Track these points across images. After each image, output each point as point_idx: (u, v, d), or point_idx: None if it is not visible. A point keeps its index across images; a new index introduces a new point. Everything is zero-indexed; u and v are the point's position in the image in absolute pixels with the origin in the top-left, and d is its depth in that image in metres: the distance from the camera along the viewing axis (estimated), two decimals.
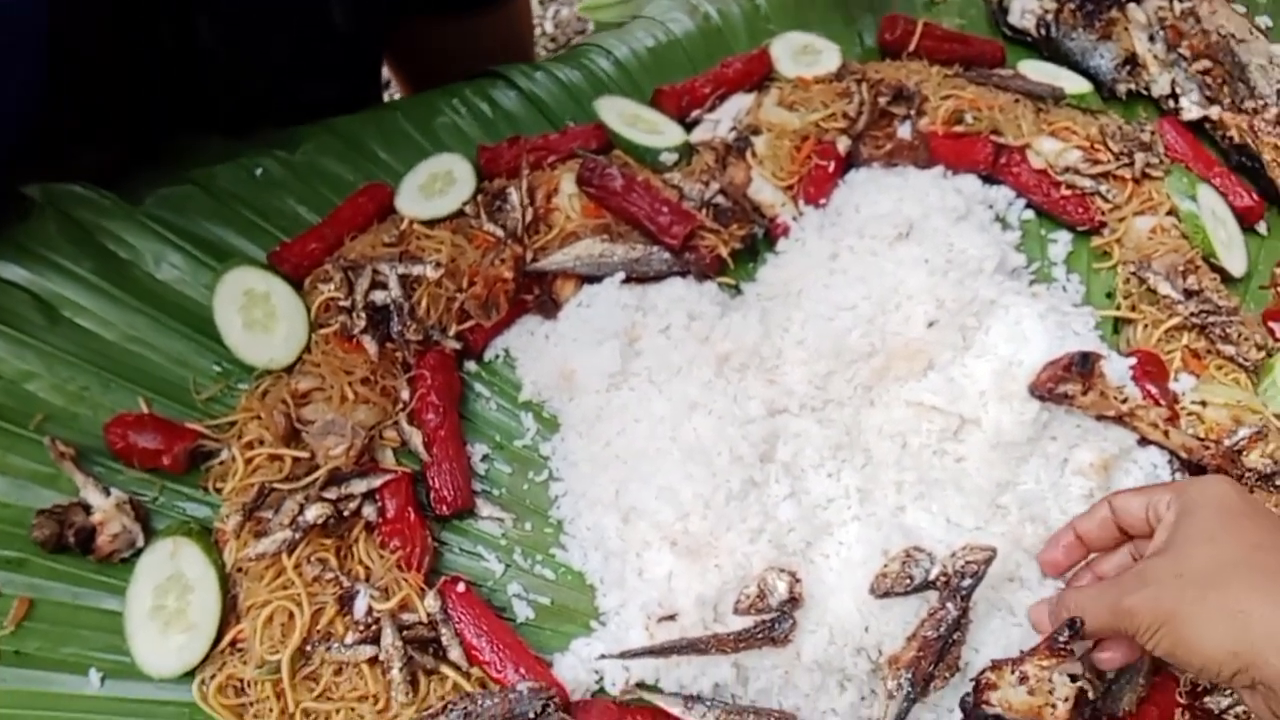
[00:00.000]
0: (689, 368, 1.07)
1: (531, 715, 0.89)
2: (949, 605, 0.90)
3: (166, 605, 0.97)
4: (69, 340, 1.09)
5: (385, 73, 1.74)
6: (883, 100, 1.25)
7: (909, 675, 0.90)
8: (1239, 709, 0.94)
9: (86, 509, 1.00)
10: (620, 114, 1.25)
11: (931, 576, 0.91)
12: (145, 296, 1.13)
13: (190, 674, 0.95)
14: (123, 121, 1.29)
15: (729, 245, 1.17)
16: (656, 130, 1.25)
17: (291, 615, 0.95)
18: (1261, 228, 1.28)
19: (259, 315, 1.11)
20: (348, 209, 1.18)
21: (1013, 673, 0.87)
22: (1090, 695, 0.88)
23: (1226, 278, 1.21)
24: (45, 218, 1.15)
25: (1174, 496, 0.87)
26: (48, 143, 1.18)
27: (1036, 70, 1.34)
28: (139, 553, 1.00)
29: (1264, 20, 1.43)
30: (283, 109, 1.28)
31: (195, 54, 1.34)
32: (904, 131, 1.24)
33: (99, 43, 1.24)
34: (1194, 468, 1.06)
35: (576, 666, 0.96)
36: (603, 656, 0.95)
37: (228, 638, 0.96)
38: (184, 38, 1.38)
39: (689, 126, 1.28)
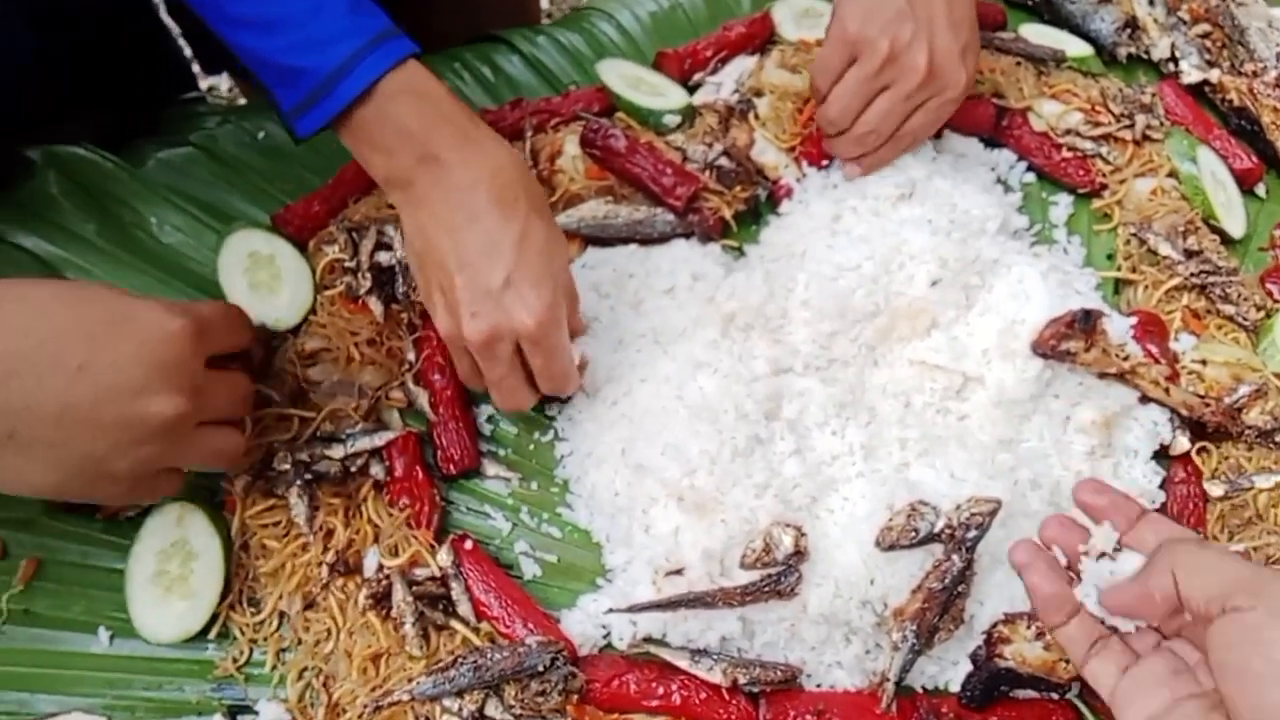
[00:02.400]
0: (694, 328, 1.08)
1: (540, 668, 0.90)
2: (954, 557, 0.91)
3: (169, 571, 0.97)
4: None
5: None
6: None
7: (914, 627, 0.91)
8: None
9: None
10: (623, 76, 1.25)
11: (936, 529, 0.92)
12: (149, 259, 1.13)
13: (200, 635, 0.96)
14: (122, 85, 1.28)
15: (732, 207, 1.17)
16: (659, 93, 1.25)
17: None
18: (1260, 190, 1.28)
19: (264, 277, 1.11)
20: (351, 171, 1.18)
21: (1029, 627, 0.89)
22: None
23: (1226, 239, 1.22)
24: (47, 180, 1.15)
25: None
26: (47, 106, 1.18)
27: (1037, 34, 1.34)
28: (147, 512, 1.00)
29: None
30: None
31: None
32: None
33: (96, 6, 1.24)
34: (1195, 425, 1.07)
35: (584, 622, 0.97)
36: (610, 610, 0.96)
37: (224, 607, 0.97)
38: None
39: (691, 89, 1.28)
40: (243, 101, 1.97)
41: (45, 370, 0.74)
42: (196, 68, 1.58)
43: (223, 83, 2.63)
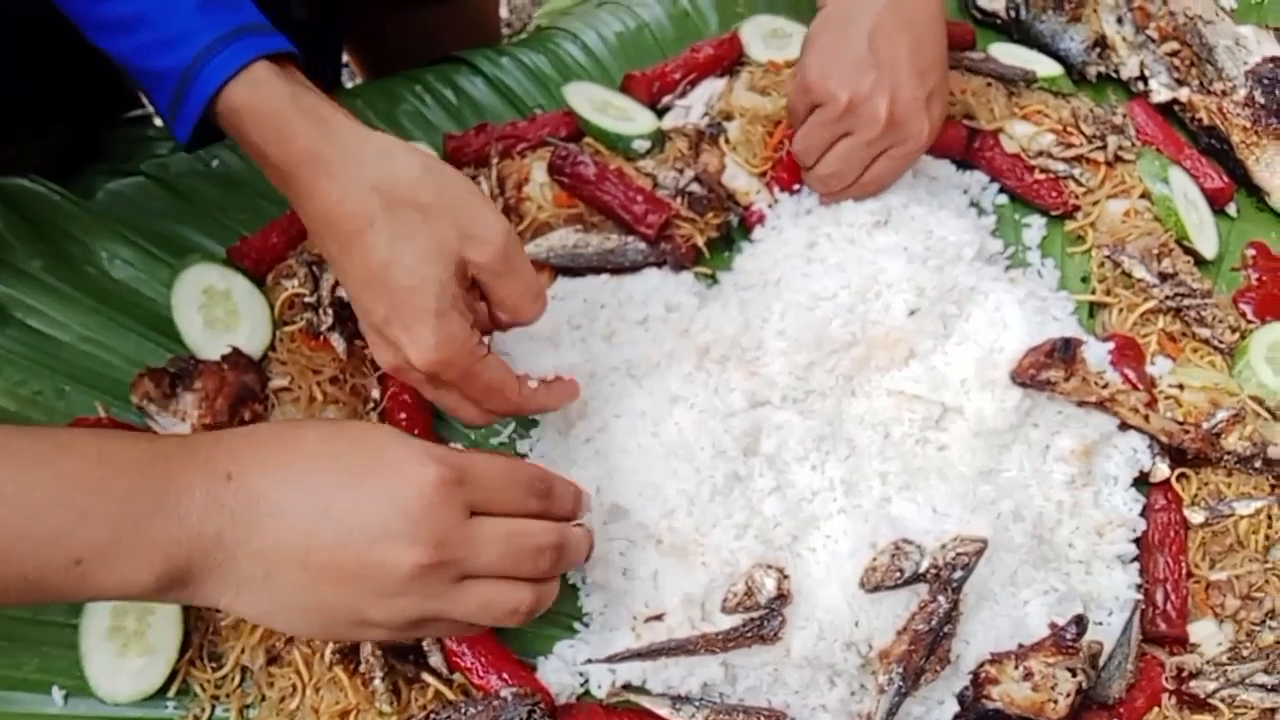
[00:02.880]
0: (668, 361, 1.05)
1: None
2: (940, 598, 0.89)
3: (125, 626, 0.93)
4: (20, 343, 1.05)
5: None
6: None
7: (900, 669, 0.89)
8: (1225, 693, 0.95)
9: None
10: (590, 100, 1.22)
11: (922, 569, 0.90)
12: (100, 295, 1.09)
13: (160, 692, 0.92)
14: (68, 109, 1.24)
15: (705, 234, 1.15)
16: (627, 117, 1.22)
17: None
18: (1231, 209, 1.28)
19: (220, 314, 1.07)
20: None
21: (1016, 667, 0.87)
22: (1085, 685, 0.88)
23: (1199, 260, 1.21)
24: None
25: None
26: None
27: (1007, 53, 1.33)
28: None
29: (1229, 1, 1.43)
30: None
31: None
32: None
33: (44, 27, 1.19)
34: (1175, 451, 1.06)
35: (561, 669, 0.94)
36: (589, 661, 0.93)
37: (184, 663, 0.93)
38: None
39: (660, 113, 1.25)
40: None
41: (295, 511, 0.72)
42: None
43: None
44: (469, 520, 0.75)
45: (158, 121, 1.26)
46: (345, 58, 1.81)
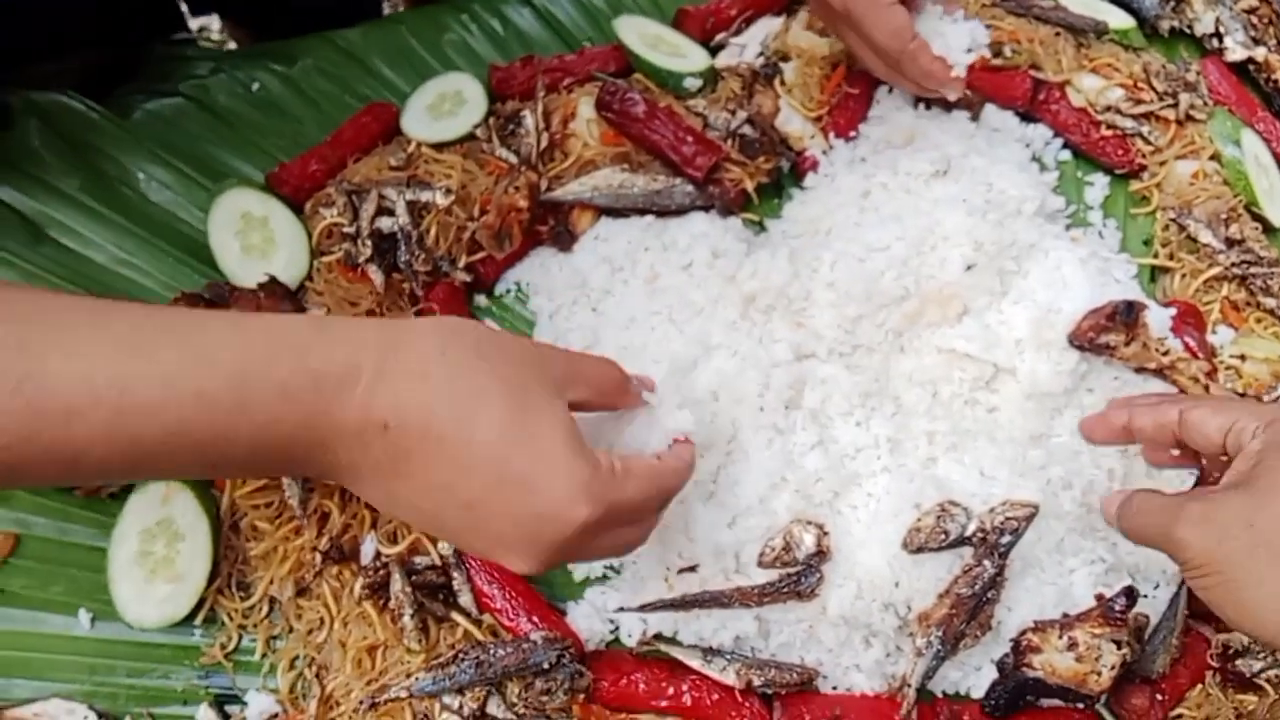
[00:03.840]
0: (712, 307, 1.02)
1: (546, 666, 0.86)
2: (986, 562, 0.87)
3: (154, 552, 0.92)
4: (54, 261, 1.04)
5: None
6: None
7: (940, 634, 0.87)
8: (1272, 673, 0.92)
9: None
10: (641, 35, 1.18)
11: (968, 532, 0.88)
12: (135, 217, 1.07)
13: (187, 619, 0.91)
14: (106, 20, 1.21)
15: (755, 179, 1.11)
16: (679, 53, 1.18)
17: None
18: None
19: (257, 240, 1.05)
20: (351, 129, 1.11)
21: (1060, 637, 0.85)
22: (1128, 659, 0.86)
23: (1268, 228, 1.16)
24: (28, 129, 1.08)
25: (1264, 426, 0.74)
26: (24, 42, 1.10)
27: (1078, 2, 1.27)
28: (129, 489, 0.95)
29: None
30: (277, 15, 1.21)
31: None
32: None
33: None
34: None
35: (591, 616, 0.92)
36: (621, 610, 0.91)
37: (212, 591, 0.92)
38: None
39: (713, 50, 1.20)
40: (233, 46, 1.88)
41: (440, 503, 0.68)
42: (184, 6, 1.50)
43: (213, 23, 2.52)
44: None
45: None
46: None
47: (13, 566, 0.93)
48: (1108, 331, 0.98)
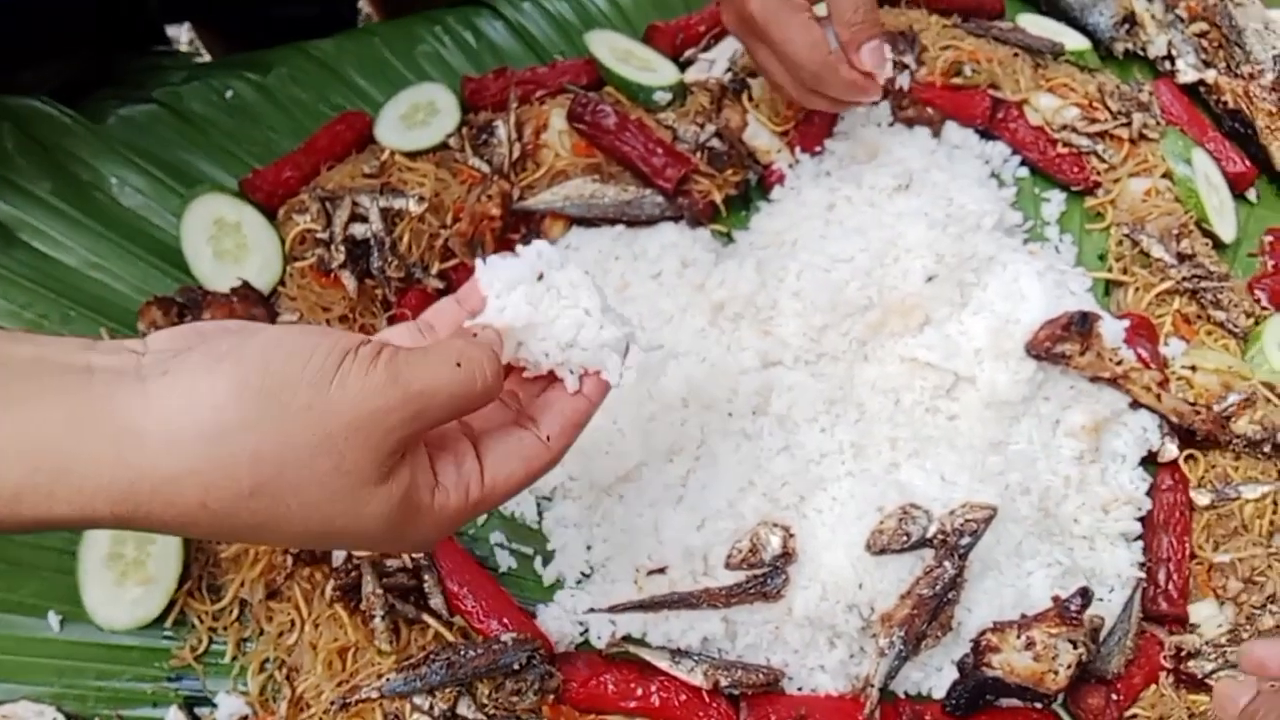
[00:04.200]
0: (681, 316, 1.04)
1: (516, 666, 0.87)
2: (946, 564, 0.89)
3: (124, 554, 0.92)
4: (25, 265, 1.04)
5: None
6: None
7: (902, 634, 0.89)
8: (1222, 674, 0.95)
9: None
10: (612, 49, 1.20)
11: (929, 534, 0.90)
12: (108, 221, 1.08)
13: (157, 622, 0.91)
14: (81, 34, 1.21)
15: (723, 191, 1.13)
16: (649, 68, 1.20)
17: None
18: (1251, 195, 1.27)
19: (230, 245, 1.06)
20: (325, 136, 1.12)
21: (1018, 637, 0.87)
22: (1084, 659, 0.88)
23: (1217, 244, 1.20)
24: (1, 134, 1.08)
25: None
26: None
27: (1035, 24, 1.31)
28: None
29: None
30: (255, 28, 1.22)
31: None
32: (903, 81, 1.21)
33: None
34: (1184, 433, 1.05)
35: (561, 618, 0.94)
36: (591, 611, 0.92)
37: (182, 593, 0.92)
38: None
39: (683, 66, 1.23)
40: (205, 57, 1.88)
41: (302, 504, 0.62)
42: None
43: (181, 35, 2.52)
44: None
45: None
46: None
47: None
48: (1063, 341, 1.01)
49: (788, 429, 0.99)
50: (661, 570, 0.93)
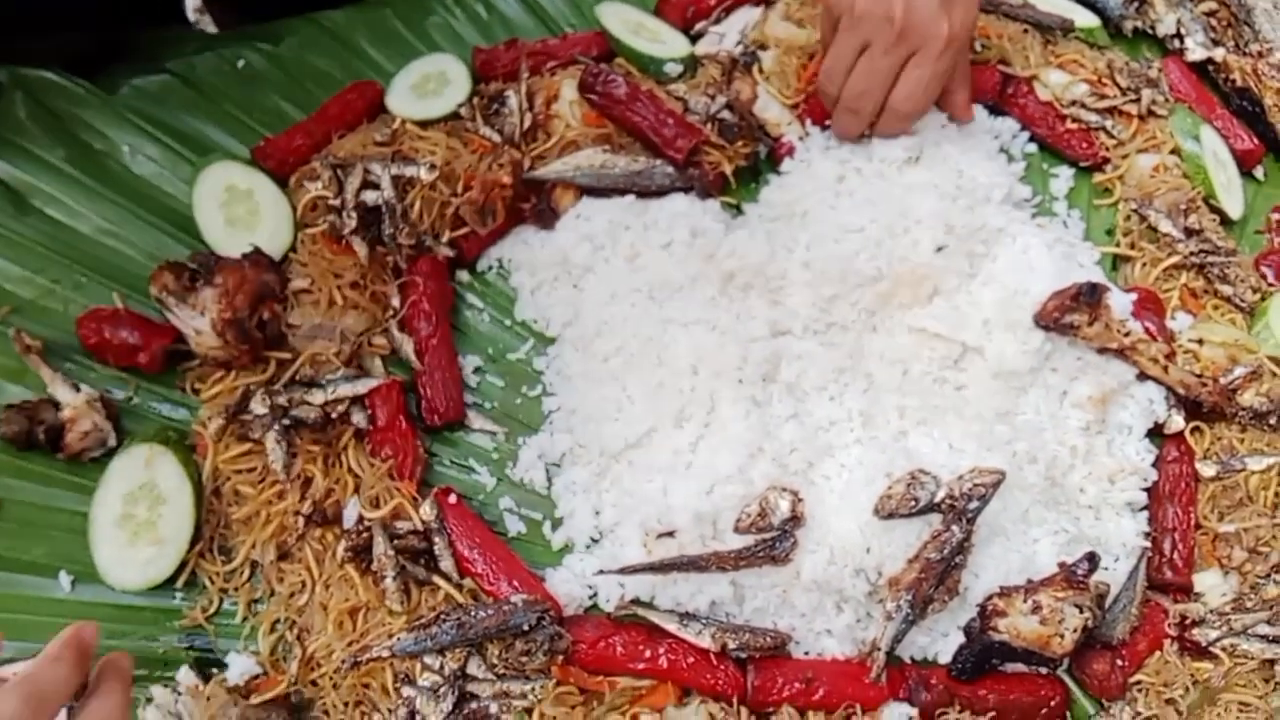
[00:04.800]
0: (691, 285, 1.05)
1: (525, 628, 0.88)
2: (954, 528, 0.90)
3: (136, 515, 0.93)
4: (39, 231, 1.04)
5: None
6: None
7: (909, 597, 0.90)
8: (1226, 641, 0.96)
9: (56, 405, 0.95)
10: (623, 21, 1.20)
11: (937, 499, 0.90)
12: (120, 188, 1.08)
13: (168, 582, 0.92)
14: (93, 7, 1.21)
15: (733, 162, 1.14)
16: (660, 40, 1.20)
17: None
18: (1259, 172, 1.27)
19: (241, 212, 1.06)
20: (336, 105, 1.13)
21: (1025, 601, 0.88)
22: (1090, 624, 0.89)
23: (1224, 220, 1.21)
24: (14, 103, 1.09)
25: None
26: (14, 26, 1.11)
27: (1046, 1, 1.31)
28: (111, 453, 0.96)
29: None
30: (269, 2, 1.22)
31: None
32: None
33: None
34: (1190, 405, 1.06)
35: (570, 581, 0.94)
36: (600, 572, 0.93)
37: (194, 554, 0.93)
38: None
39: (694, 38, 1.23)
40: (214, 30, 1.88)
41: None
42: None
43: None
44: None
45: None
46: None
47: None
48: (1072, 312, 1.02)
49: (797, 397, 1.00)
50: (671, 534, 0.93)
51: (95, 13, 1.20)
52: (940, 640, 0.95)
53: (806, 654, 0.94)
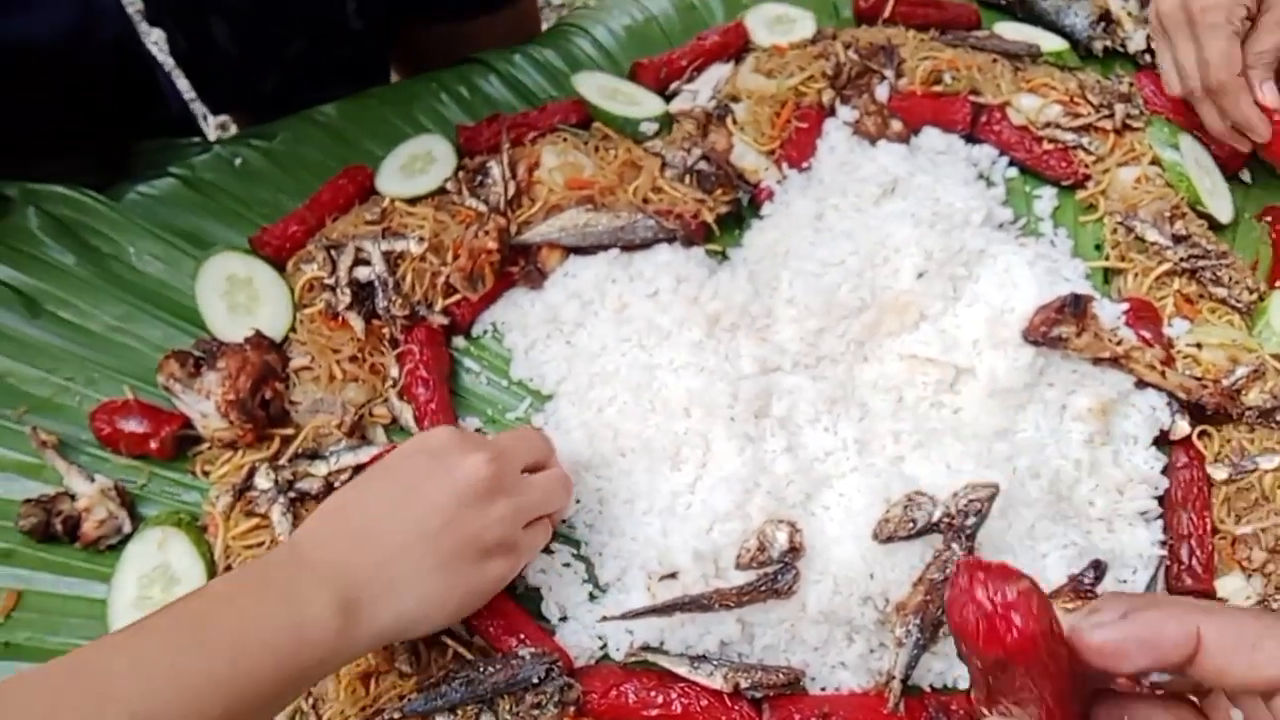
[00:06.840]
0: (678, 330, 1.06)
1: (535, 680, 0.88)
2: (954, 546, 0.89)
3: (152, 596, 0.95)
4: (51, 333, 1.09)
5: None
6: (860, 56, 1.25)
7: (917, 621, 0.89)
8: None
9: (72, 497, 0.98)
10: (599, 87, 1.25)
11: (935, 519, 0.90)
12: (128, 287, 1.12)
13: None
14: (102, 128, 1.28)
15: (714, 211, 1.16)
16: (635, 101, 1.24)
17: None
18: (1245, 175, 1.28)
19: (242, 299, 1.10)
20: (328, 191, 1.17)
21: None
22: None
23: (1214, 224, 1.21)
24: (25, 215, 1.14)
25: None
26: (24, 146, 1.17)
27: (1012, 30, 1.34)
28: (127, 539, 0.98)
29: None
30: (291, 110, 1.28)
31: (207, 56, 1.33)
32: (882, 93, 1.24)
33: (82, 53, 1.23)
34: (1194, 409, 1.05)
35: (579, 632, 0.95)
36: (604, 619, 0.93)
37: None
38: (198, 39, 1.37)
39: (668, 98, 1.27)
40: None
41: (383, 524, 0.84)
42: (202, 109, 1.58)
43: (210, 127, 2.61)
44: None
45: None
46: None
47: (15, 620, 0.95)
48: (1059, 324, 1.02)
49: (790, 430, 1.00)
50: (673, 575, 0.94)
51: (102, 134, 1.27)
52: (958, 665, 0.93)
53: (823, 689, 0.93)
